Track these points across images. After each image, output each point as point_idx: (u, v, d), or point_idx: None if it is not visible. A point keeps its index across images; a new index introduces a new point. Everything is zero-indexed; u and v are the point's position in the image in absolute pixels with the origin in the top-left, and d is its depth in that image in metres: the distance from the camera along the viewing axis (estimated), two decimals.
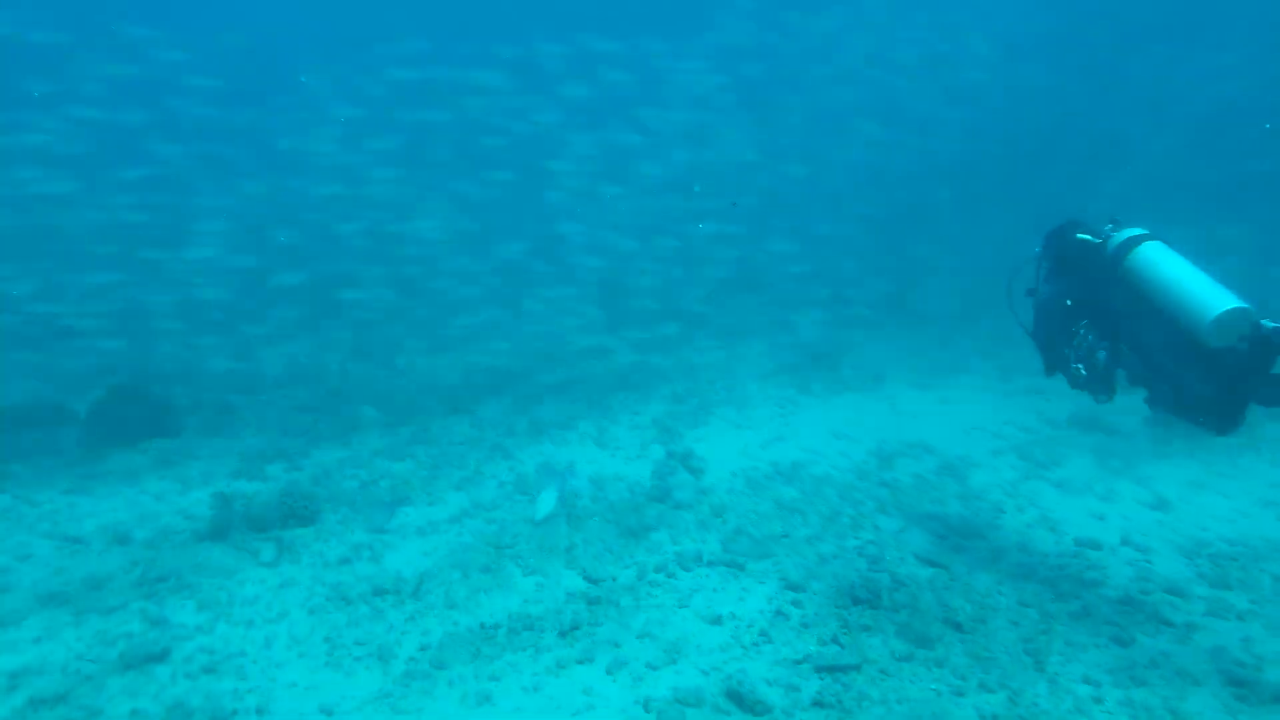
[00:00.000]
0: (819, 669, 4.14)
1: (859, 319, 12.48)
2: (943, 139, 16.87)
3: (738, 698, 3.90)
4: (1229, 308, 3.69)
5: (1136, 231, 4.25)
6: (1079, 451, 6.97)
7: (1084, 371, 4.41)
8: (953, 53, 17.79)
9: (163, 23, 11.34)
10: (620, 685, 4.10)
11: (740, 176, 14.13)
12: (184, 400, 8.61)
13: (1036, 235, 4.82)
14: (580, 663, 4.30)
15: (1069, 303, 4.50)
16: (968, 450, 7.15)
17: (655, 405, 8.76)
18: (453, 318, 9.47)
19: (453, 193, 11.23)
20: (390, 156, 10.97)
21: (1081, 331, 4.43)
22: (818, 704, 3.85)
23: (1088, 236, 4.46)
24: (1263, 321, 3.72)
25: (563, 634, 4.57)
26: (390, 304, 10.06)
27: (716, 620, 4.64)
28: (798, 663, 4.20)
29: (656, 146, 12.86)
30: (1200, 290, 3.82)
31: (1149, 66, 17.50)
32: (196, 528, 6.05)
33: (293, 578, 5.35)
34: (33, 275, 8.87)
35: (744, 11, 16.03)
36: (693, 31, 15.42)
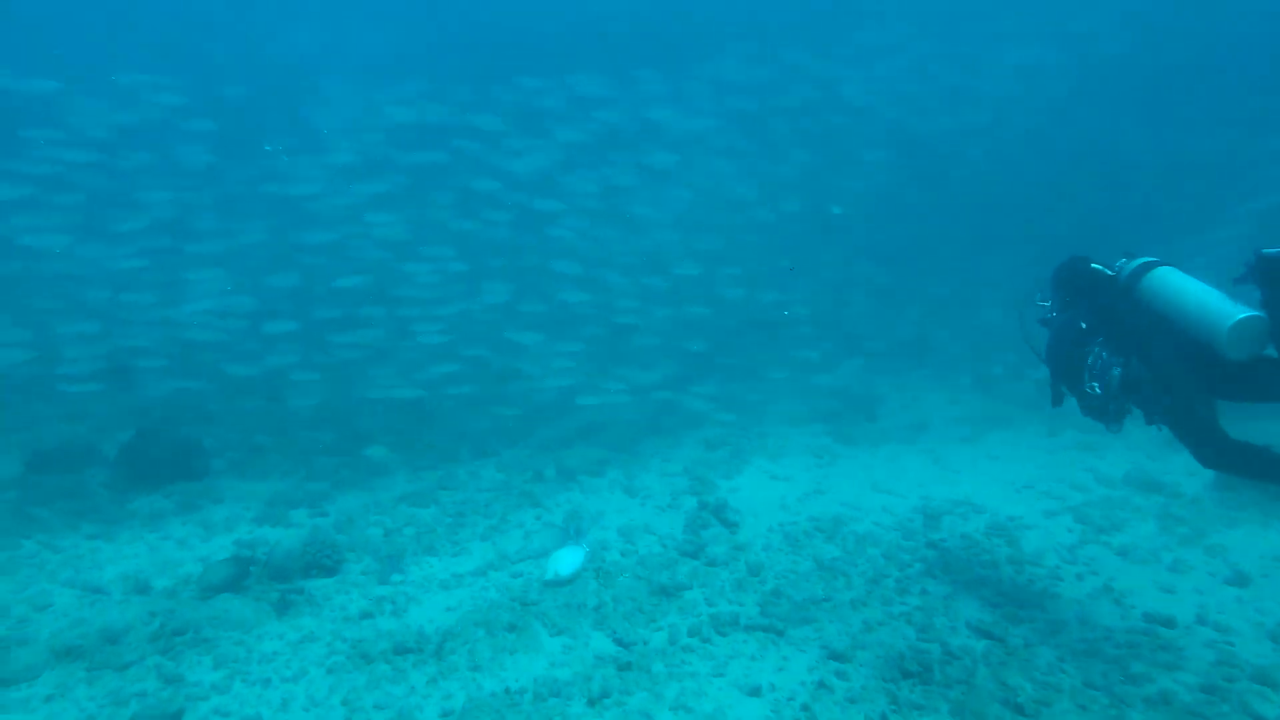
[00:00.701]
0: None
1: (888, 363, 12.12)
2: (962, 169, 16.44)
3: None
4: (1245, 315, 3.76)
5: (1149, 259, 4.36)
6: (1140, 516, 6.55)
7: (1099, 390, 4.40)
8: (968, 83, 17.47)
9: (159, 67, 11.43)
10: None
11: (739, 213, 13.75)
12: (211, 441, 8.55)
13: (1046, 269, 4.94)
14: None
15: (1083, 325, 4.56)
16: (1019, 510, 6.78)
17: (686, 451, 8.52)
18: (454, 359, 9.36)
19: (450, 233, 11.11)
20: (388, 199, 10.98)
21: (1096, 349, 4.46)
22: None
23: (1101, 267, 4.58)
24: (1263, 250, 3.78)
25: (591, 702, 4.30)
26: (397, 346, 9.87)
27: (755, 692, 4.34)
28: None
29: (654, 185, 12.62)
30: (1215, 304, 3.91)
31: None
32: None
33: (312, 633, 5.16)
34: (39, 321, 8.95)
35: (742, 49, 15.77)
36: (690, 67, 15.12)
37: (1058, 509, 6.78)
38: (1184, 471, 7.49)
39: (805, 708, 4.17)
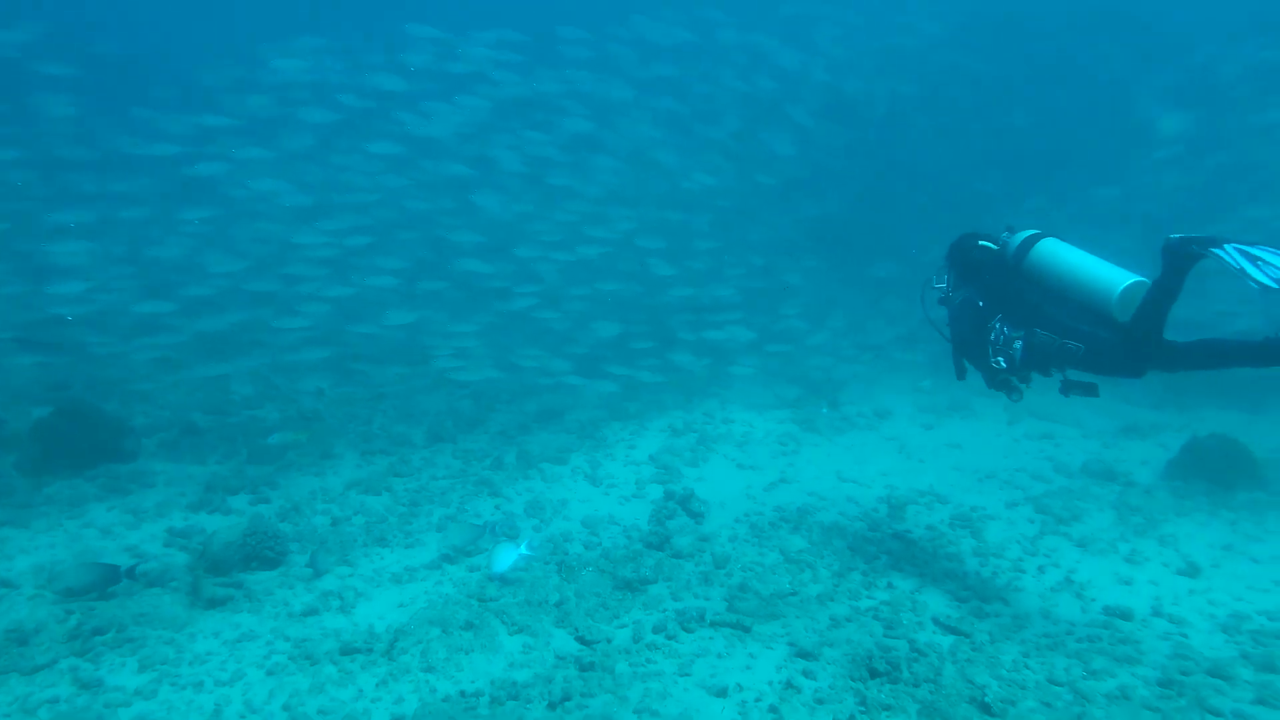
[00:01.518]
0: None
1: (848, 349, 11.97)
2: (901, 138, 15.69)
3: None
4: (1130, 282, 4.10)
5: (1031, 232, 4.60)
6: (1098, 505, 6.61)
7: (1003, 364, 4.64)
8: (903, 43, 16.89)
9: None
10: None
11: (663, 186, 12.98)
12: (142, 420, 8.02)
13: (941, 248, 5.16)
14: None
15: (980, 304, 4.79)
16: (981, 500, 6.78)
17: (651, 438, 8.32)
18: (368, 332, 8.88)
19: (351, 203, 10.42)
20: (283, 163, 10.32)
21: (997, 325, 4.68)
22: None
23: (988, 244, 4.82)
24: (1169, 235, 4.00)
25: (552, 706, 4.10)
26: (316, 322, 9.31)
27: (721, 692, 4.20)
28: None
29: (569, 153, 11.88)
30: (1101, 273, 4.21)
31: None
32: (146, 568, 5.49)
33: (252, 630, 4.86)
34: None
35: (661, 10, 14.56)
36: (606, 27, 13.76)
37: (1019, 499, 6.80)
38: (1138, 460, 7.62)
39: (773, 709, 4.04)
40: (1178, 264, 3.96)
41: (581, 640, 4.68)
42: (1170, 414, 9.12)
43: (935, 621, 4.84)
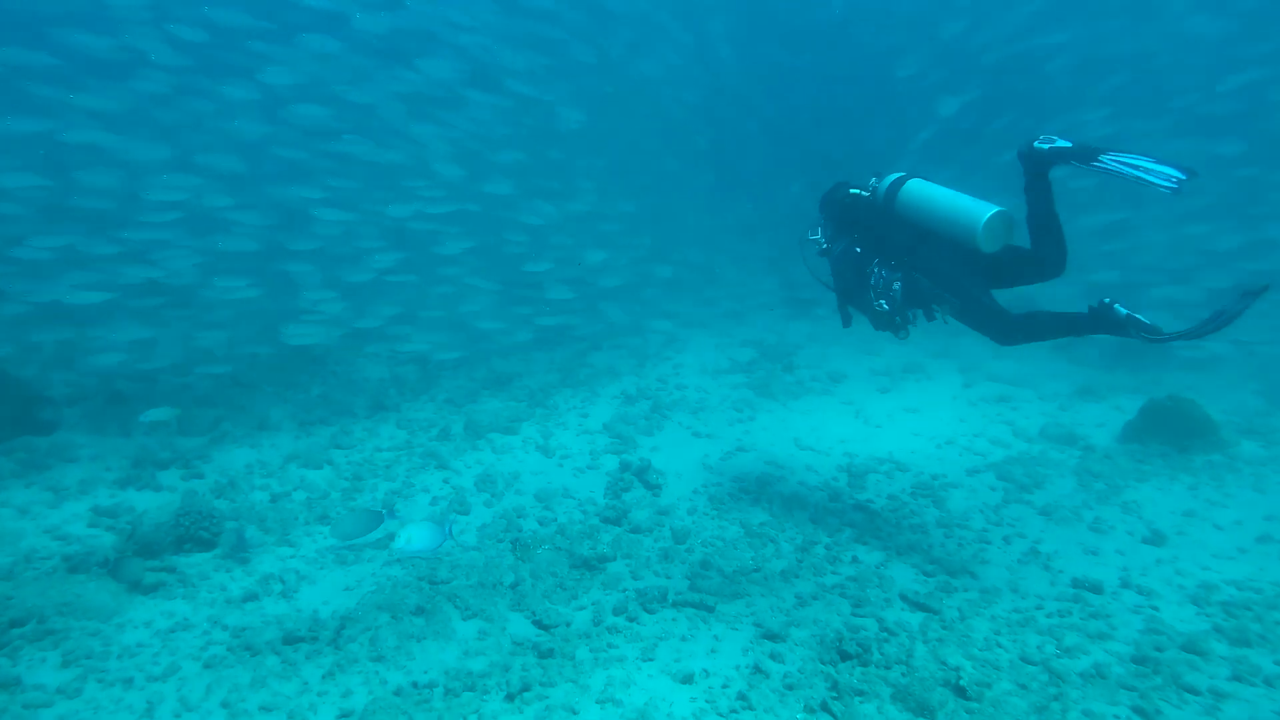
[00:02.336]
0: None
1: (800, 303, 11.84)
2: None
3: None
4: (992, 213, 4.28)
5: (898, 175, 4.76)
6: (1059, 472, 6.59)
7: (885, 306, 4.82)
8: None
9: None
10: None
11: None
12: (63, 389, 7.46)
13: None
14: None
15: (858, 250, 4.95)
16: (942, 468, 6.70)
17: (604, 406, 8.06)
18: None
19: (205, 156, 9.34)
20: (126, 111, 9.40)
21: (875, 269, 4.86)
22: None
23: (858, 191, 4.97)
24: (1035, 142, 4.23)
25: (510, 697, 3.89)
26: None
27: (687, 679, 4.03)
28: None
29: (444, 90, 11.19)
30: (964, 206, 4.37)
31: None
32: (69, 552, 5.10)
33: (186, 619, 4.55)
34: None
35: None
36: None
37: (980, 466, 6.74)
38: (1094, 423, 7.63)
39: (741, 696, 3.89)
40: (1041, 171, 4.17)
41: (539, 624, 4.48)
42: (1123, 375, 9.18)
43: (903, 598, 4.74)
